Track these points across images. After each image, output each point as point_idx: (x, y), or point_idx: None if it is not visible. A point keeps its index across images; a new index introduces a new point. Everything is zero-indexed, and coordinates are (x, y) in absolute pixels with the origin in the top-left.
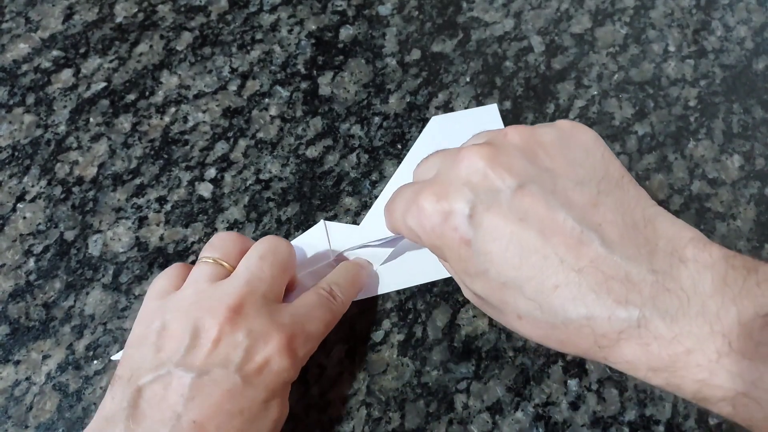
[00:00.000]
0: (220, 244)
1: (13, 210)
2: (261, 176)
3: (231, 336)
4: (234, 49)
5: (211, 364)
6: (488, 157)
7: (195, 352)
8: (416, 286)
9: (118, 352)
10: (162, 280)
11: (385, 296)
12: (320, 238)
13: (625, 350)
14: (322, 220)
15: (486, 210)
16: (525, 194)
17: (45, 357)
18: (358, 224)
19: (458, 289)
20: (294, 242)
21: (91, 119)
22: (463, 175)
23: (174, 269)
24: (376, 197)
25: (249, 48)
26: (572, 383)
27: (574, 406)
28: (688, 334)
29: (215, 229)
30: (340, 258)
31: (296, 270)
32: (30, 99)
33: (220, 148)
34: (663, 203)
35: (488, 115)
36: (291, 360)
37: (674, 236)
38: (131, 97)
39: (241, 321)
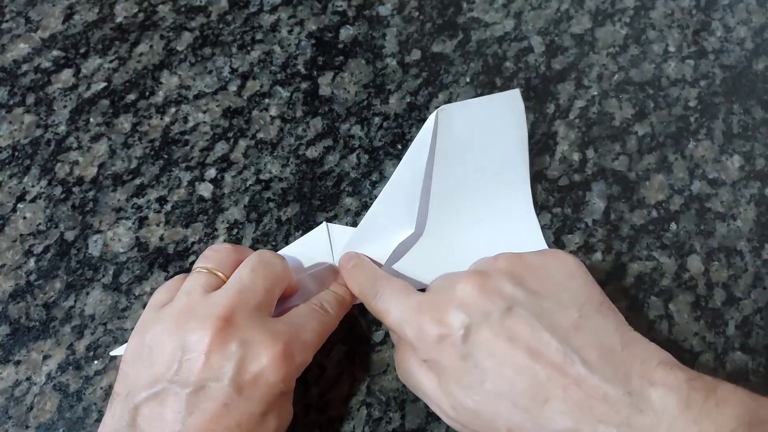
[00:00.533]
0: (214, 255)
1: (14, 210)
2: (261, 176)
3: (223, 347)
4: (234, 50)
5: (206, 379)
6: (480, 283)
7: (188, 367)
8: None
9: (117, 348)
10: (160, 293)
11: None
12: (322, 239)
13: None
14: (324, 222)
15: (478, 330)
16: (513, 316)
17: (45, 357)
18: (358, 224)
19: None
20: (295, 243)
21: (91, 119)
22: (458, 298)
23: (174, 281)
24: (377, 197)
25: (249, 48)
26: None
27: None
28: None
29: (215, 230)
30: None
31: (297, 272)
32: (30, 99)
33: (221, 148)
34: (663, 203)
35: (509, 104)
36: (286, 370)
37: (646, 359)
38: (131, 97)
39: (233, 331)
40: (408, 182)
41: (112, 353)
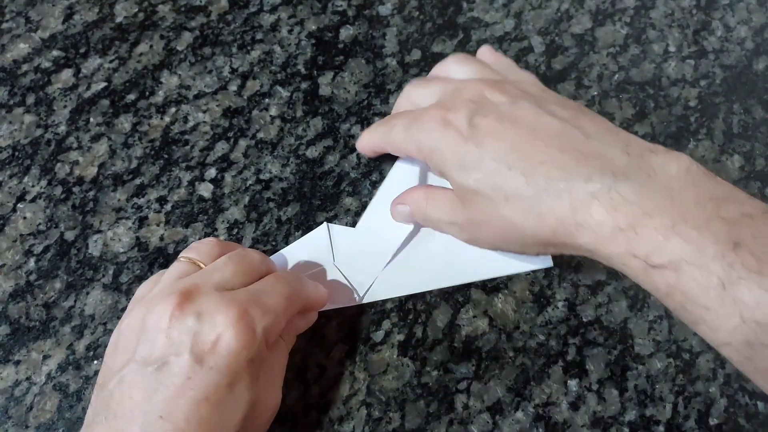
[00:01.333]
0: (199, 246)
1: (14, 210)
2: (261, 176)
3: (181, 322)
4: (234, 49)
5: (166, 354)
6: (488, 84)
7: (150, 345)
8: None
9: None
10: (143, 286)
11: None
12: (322, 239)
13: (595, 212)
14: (324, 223)
15: (483, 116)
16: (517, 107)
17: (45, 357)
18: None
19: (458, 289)
20: (296, 243)
21: (92, 119)
22: (466, 96)
23: (157, 275)
24: (374, 196)
25: (249, 48)
26: (572, 383)
27: (574, 406)
28: (651, 201)
29: (215, 230)
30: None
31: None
32: (30, 99)
33: (221, 148)
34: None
35: None
36: (246, 334)
37: (645, 142)
38: (131, 97)
39: (189, 306)
40: (405, 179)
41: None
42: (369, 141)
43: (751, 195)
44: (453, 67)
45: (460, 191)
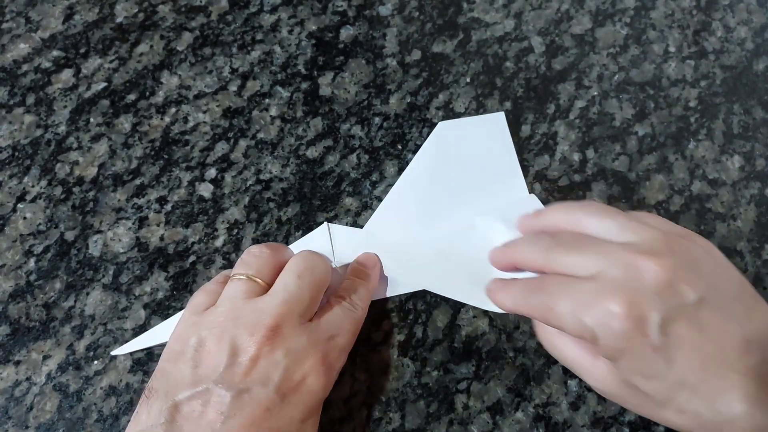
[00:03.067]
0: (252, 261)
1: (14, 210)
2: (261, 176)
3: (270, 355)
4: (234, 50)
5: (251, 383)
6: (672, 270)
7: (234, 370)
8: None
9: (118, 348)
10: (200, 295)
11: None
12: (323, 240)
13: None
14: (325, 223)
15: (674, 322)
16: (704, 308)
17: (45, 357)
18: (359, 225)
19: None
20: (296, 244)
21: (92, 119)
22: (653, 286)
23: (213, 284)
24: (377, 198)
25: (249, 48)
26: (572, 383)
27: (575, 406)
28: None
29: (215, 230)
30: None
31: None
32: (30, 99)
33: (221, 148)
34: (663, 204)
35: (495, 123)
36: (327, 377)
37: None
38: (131, 97)
39: (280, 341)
40: (412, 187)
41: (112, 353)
42: (510, 304)
43: (751, 196)
44: (588, 222)
45: (627, 383)
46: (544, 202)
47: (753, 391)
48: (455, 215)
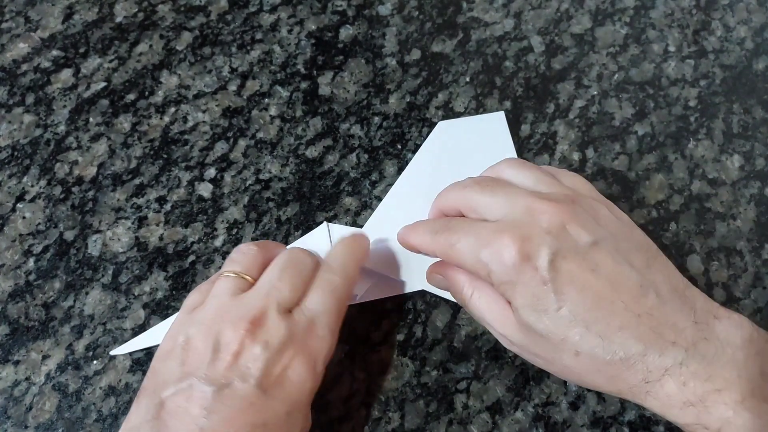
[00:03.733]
0: (241, 258)
1: (13, 210)
2: (261, 176)
3: (250, 349)
4: (234, 49)
5: (232, 377)
6: (568, 215)
7: (216, 365)
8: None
9: (117, 347)
10: (194, 295)
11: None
12: (322, 240)
13: (666, 385)
14: (324, 222)
15: (564, 258)
16: (598, 250)
17: (44, 357)
18: (358, 224)
19: None
20: (295, 243)
21: (91, 119)
22: (545, 226)
23: (207, 284)
24: (377, 197)
25: (249, 48)
26: (572, 383)
27: (574, 406)
28: (720, 377)
29: (215, 229)
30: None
31: None
32: (29, 99)
33: (220, 148)
34: (663, 203)
35: (495, 122)
36: (309, 367)
37: (706, 301)
38: (131, 96)
39: (260, 334)
40: (412, 186)
41: (112, 353)
42: (417, 242)
43: (751, 195)
44: (509, 172)
45: (523, 323)
46: None
47: (648, 331)
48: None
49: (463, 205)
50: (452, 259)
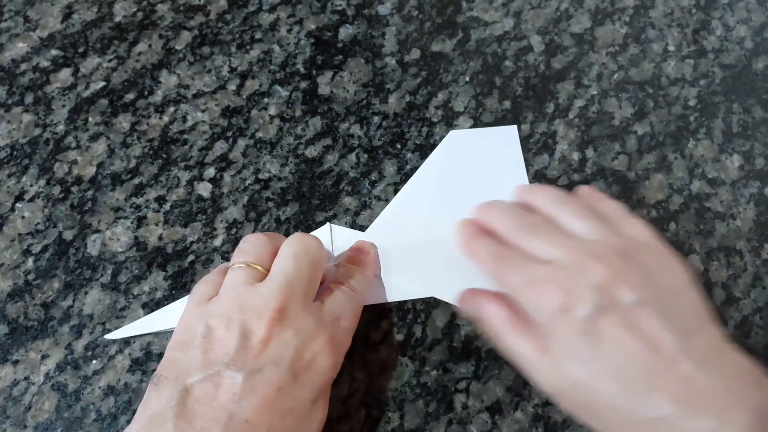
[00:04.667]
0: (249, 248)
1: (12, 209)
2: (260, 176)
3: (280, 335)
4: (233, 49)
5: (263, 363)
6: (616, 275)
7: (245, 353)
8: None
9: (112, 332)
10: (202, 287)
11: None
12: (324, 240)
13: None
14: (328, 223)
15: (605, 315)
16: (642, 311)
17: (43, 357)
18: (358, 224)
19: None
20: None
21: (90, 119)
22: (591, 281)
23: (214, 275)
24: (376, 197)
25: (248, 47)
26: None
27: None
28: None
29: (214, 229)
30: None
31: None
32: (29, 98)
33: (219, 147)
34: (662, 203)
35: (507, 136)
36: (335, 356)
37: (750, 370)
38: (130, 96)
39: (288, 321)
40: (418, 193)
41: (106, 336)
42: (474, 255)
43: (751, 195)
44: (570, 220)
45: (556, 368)
46: None
47: (682, 395)
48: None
49: (511, 243)
50: (497, 283)
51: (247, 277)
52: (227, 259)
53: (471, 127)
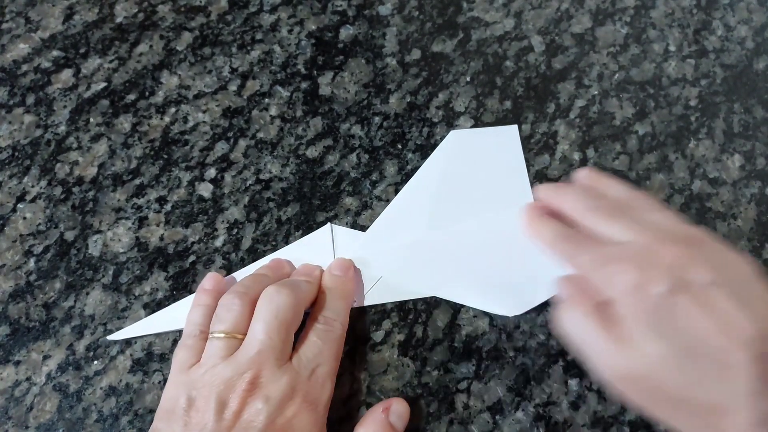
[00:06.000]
0: (226, 315)
1: (13, 210)
2: (261, 176)
3: (251, 405)
4: (234, 49)
5: (238, 429)
6: (690, 254)
7: (220, 425)
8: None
9: (115, 333)
10: (184, 353)
11: None
12: (325, 240)
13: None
14: (329, 224)
15: (680, 292)
16: (717, 291)
17: (45, 357)
18: (359, 224)
19: None
20: (298, 243)
21: (91, 119)
22: (665, 261)
23: (193, 339)
24: (377, 197)
25: (249, 48)
26: (573, 383)
27: (575, 406)
28: None
29: (215, 230)
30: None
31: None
32: (30, 99)
33: (220, 148)
34: (664, 203)
35: (508, 136)
36: (313, 413)
37: None
38: (131, 97)
39: (259, 390)
40: (419, 193)
41: (109, 337)
42: (543, 240)
43: (752, 195)
44: (646, 210)
45: (628, 349)
46: None
47: (759, 374)
48: (460, 223)
49: (584, 225)
50: (567, 262)
51: (224, 348)
52: (227, 260)
53: (472, 127)
